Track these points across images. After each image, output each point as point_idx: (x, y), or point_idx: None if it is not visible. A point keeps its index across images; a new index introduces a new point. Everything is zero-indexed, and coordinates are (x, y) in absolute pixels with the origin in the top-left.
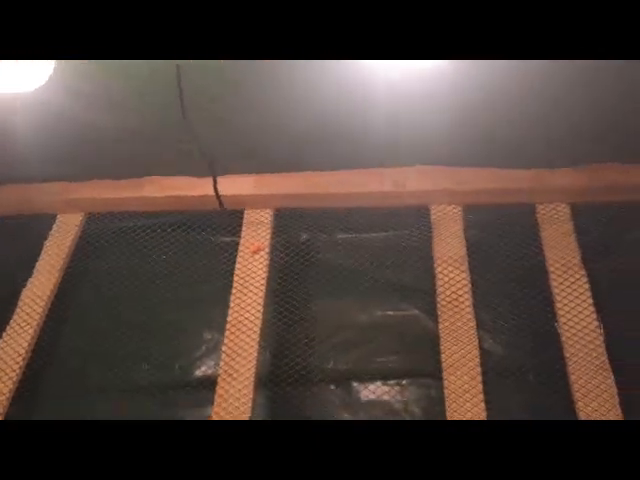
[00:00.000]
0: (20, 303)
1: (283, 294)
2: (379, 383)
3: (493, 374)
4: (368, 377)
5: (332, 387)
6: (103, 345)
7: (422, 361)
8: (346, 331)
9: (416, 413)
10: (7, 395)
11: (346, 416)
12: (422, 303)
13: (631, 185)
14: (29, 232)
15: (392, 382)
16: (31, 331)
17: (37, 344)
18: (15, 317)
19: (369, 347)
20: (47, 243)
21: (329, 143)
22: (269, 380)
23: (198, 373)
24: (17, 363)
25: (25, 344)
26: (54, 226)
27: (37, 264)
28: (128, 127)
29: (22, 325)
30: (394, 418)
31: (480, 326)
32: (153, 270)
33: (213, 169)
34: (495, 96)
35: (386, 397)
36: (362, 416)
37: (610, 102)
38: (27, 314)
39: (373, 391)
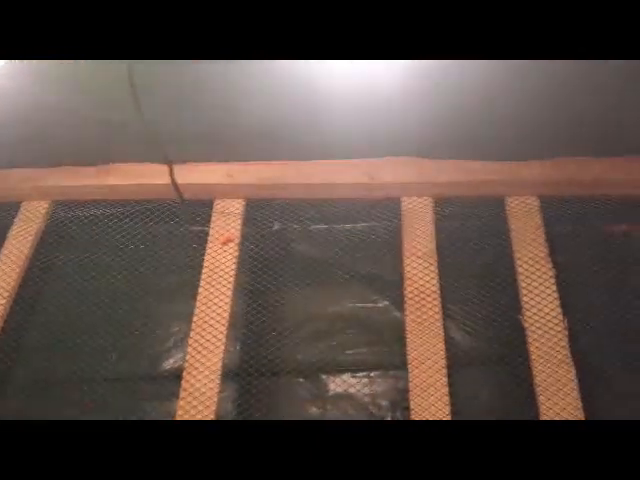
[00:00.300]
0: None
1: (253, 285)
2: (348, 376)
3: (459, 366)
4: (337, 369)
5: (301, 380)
6: (70, 337)
7: (391, 353)
8: (316, 323)
9: (383, 406)
10: None
11: (314, 409)
12: (393, 295)
13: (598, 179)
14: None
15: (361, 375)
16: None
17: (0, 338)
18: None
19: (339, 339)
20: (11, 232)
21: (300, 134)
22: (237, 372)
23: (166, 365)
24: None
25: None
26: (18, 214)
27: (0, 254)
28: (90, 114)
29: None
30: (361, 411)
31: (448, 318)
32: (120, 261)
33: (167, 157)
34: (467, 90)
35: (353, 390)
36: (330, 409)
37: (580, 98)
38: None
39: (341, 384)
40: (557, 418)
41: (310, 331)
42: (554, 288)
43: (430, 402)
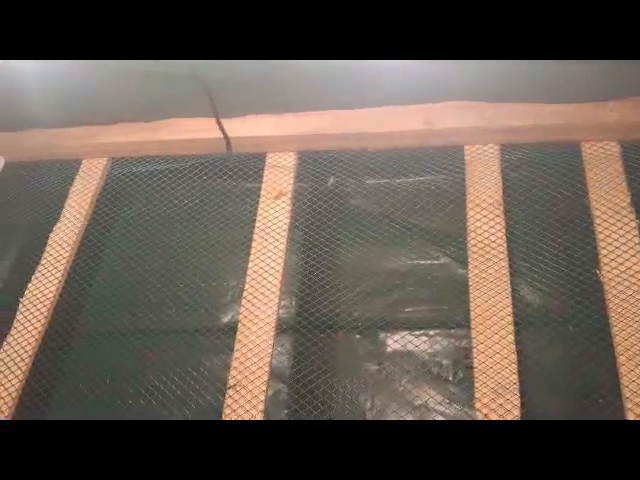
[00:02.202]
0: (47, 249)
1: (308, 241)
2: (406, 333)
3: (529, 324)
4: (395, 327)
5: (357, 336)
6: (131, 291)
7: (451, 311)
8: (373, 279)
9: (443, 365)
10: (36, 337)
11: (371, 366)
12: (453, 250)
13: None
14: (54, 178)
15: (419, 332)
16: (59, 276)
17: (64, 290)
18: (43, 262)
19: (396, 296)
20: (72, 189)
21: (350, 80)
22: (293, 327)
23: (224, 319)
24: (45, 306)
25: (53, 288)
26: (79, 171)
27: (63, 210)
28: (143, 68)
29: (50, 270)
30: (420, 369)
31: (516, 274)
32: (178, 216)
33: (215, 109)
34: None
35: (412, 347)
36: (387, 366)
37: None
38: (55, 259)
39: (399, 341)
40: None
41: (367, 287)
42: (637, 240)
43: (495, 360)
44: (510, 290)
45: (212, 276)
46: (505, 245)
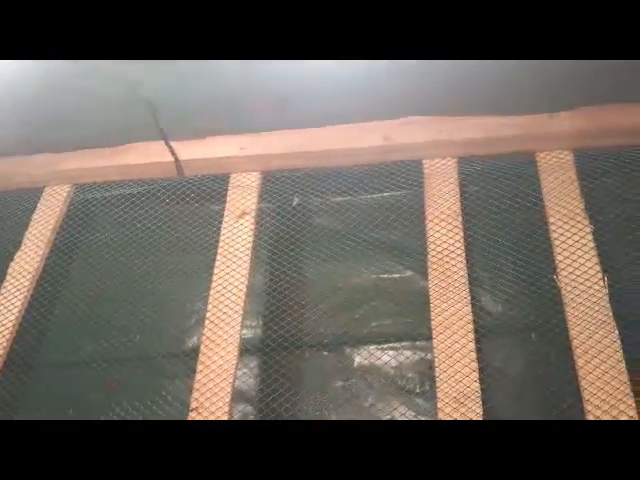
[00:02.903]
0: (7, 278)
1: (274, 260)
2: (373, 348)
3: (490, 333)
4: (362, 342)
5: (324, 353)
6: (93, 318)
7: (416, 323)
8: (338, 295)
9: (410, 378)
10: None
11: (339, 382)
12: (416, 264)
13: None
14: (16, 207)
15: (386, 346)
16: (19, 304)
17: (25, 319)
18: (3, 292)
19: (362, 311)
20: (34, 216)
21: (308, 100)
22: (259, 347)
23: (189, 343)
24: (4, 337)
25: (13, 318)
26: (41, 199)
27: (24, 237)
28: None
29: (9, 299)
30: (388, 384)
31: (476, 284)
32: (142, 240)
33: (163, 132)
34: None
35: (378, 361)
36: (354, 382)
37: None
38: (15, 288)
39: (365, 356)
40: (597, 382)
41: (332, 303)
42: (592, 245)
43: (456, 369)
44: (469, 299)
45: (177, 300)
46: (464, 255)
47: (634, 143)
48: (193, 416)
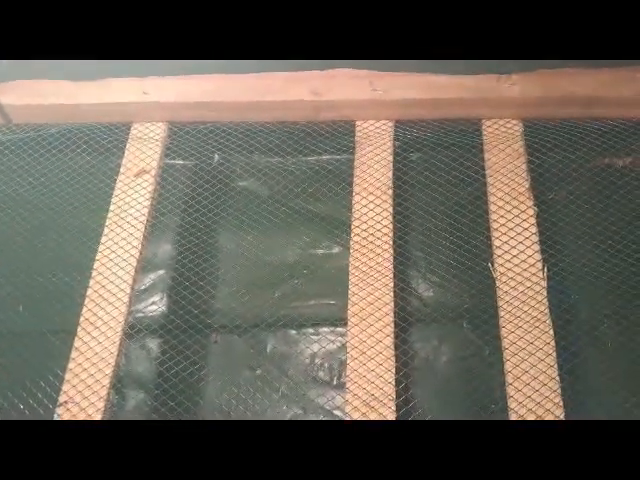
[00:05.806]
0: None
1: (184, 228)
2: (290, 332)
3: (417, 321)
4: (278, 325)
5: (235, 337)
6: None
7: (339, 307)
8: (257, 271)
9: (328, 368)
10: None
11: (247, 369)
12: (346, 240)
13: (593, 96)
14: None
15: (304, 331)
16: None
17: None
18: None
19: (282, 290)
20: None
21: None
22: (162, 327)
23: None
24: None
25: None
26: None
27: None
28: None
29: None
30: (301, 373)
31: (407, 265)
32: (31, 198)
33: None
34: None
35: (295, 349)
36: (266, 369)
37: None
38: None
39: (281, 341)
40: (525, 389)
41: (250, 280)
42: (534, 230)
43: (369, 368)
44: (393, 284)
45: (66, 270)
46: (391, 235)
47: (590, 115)
48: (61, 412)
